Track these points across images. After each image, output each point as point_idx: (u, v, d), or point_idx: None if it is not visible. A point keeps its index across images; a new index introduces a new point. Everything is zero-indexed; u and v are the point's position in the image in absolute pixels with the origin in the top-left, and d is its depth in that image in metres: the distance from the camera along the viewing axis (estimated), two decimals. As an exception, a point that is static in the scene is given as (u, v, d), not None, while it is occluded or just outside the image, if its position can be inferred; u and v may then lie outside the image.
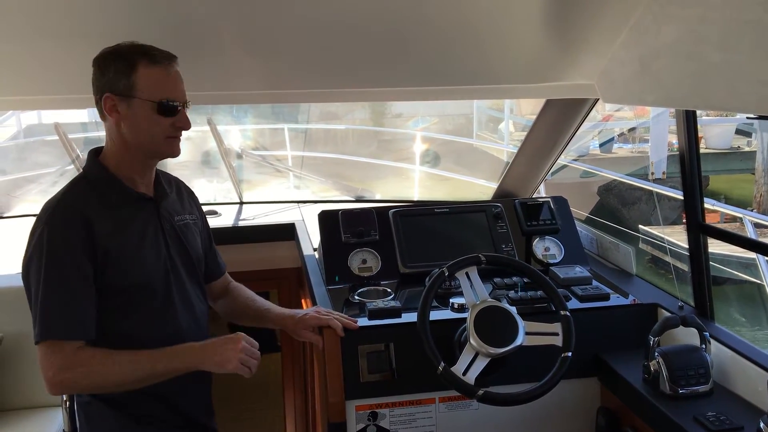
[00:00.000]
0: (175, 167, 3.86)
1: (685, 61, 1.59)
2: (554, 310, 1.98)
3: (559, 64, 2.05)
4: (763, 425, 1.62)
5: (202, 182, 5.60)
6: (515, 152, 2.99)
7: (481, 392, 1.82)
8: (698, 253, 2.14)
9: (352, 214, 2.54)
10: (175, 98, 1.74)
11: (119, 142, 1.75)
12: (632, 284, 2.37)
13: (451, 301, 2.14)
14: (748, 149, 12.45)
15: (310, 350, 2.75)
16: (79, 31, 1.83)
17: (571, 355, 1.88)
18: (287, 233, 3.13)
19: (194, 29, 1.85)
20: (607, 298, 2.21)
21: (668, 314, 2.08)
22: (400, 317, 2.08)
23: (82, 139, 5.26)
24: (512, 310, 1.93)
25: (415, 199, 4.71)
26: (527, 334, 1.89)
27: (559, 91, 2.18)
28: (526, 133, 2.88)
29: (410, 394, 2.05)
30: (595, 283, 2.31)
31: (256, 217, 3.42)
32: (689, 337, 1.99)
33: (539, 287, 2.08)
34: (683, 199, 2.17)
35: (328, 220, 2.54)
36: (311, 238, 2.89)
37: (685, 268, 2.24)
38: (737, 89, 1.44)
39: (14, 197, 4.03)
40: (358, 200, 3.92)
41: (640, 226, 8.91)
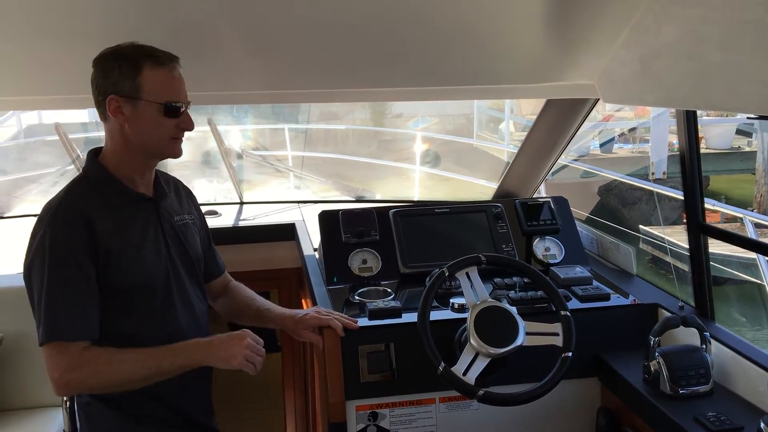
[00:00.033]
0: (175, 167, 3.85)
1: (685, 61, 1.59)
2: (554, 310, 1.98)
3: (559, 64, 2.05)
4: (763, 425, 1.62)
5: (202, 182, 5.60)
6: (515, 152, 2.99)
7: (481, 392, 1.82)
8: (699, 253, 2.14)
9: (352, 214, 2.54)
10: (179, 100, 1.74)
11: (121, 143, 1.75)
12: (632, 284, 2.37)
13: (451, 301, 2.13)
14: (748, 149, 12.45)
15: (310, 350, 2.74)
16: (79, 31, 1.83)
17: (571, 355, 1.88)
18: (287, 233, 3.13)
19: (195, 29, 1.85)
20: (607, 298, 2.21)
21: (668, 314, 2.08)
22: (400, 317, 2.08)
23: (82, 139, 5.27)
24: (512, 310, 1.93)
25: (415, 199, 4.71)
26: (527, 334, 1.89)
27: (559, 91, 2.18)
28: (526, 133, 2.88)
29: (410, 394, 2.05)
30: (595, 283, 2.31)
31: (256, 217, 3.42)
32: (689, 337, 1.99)
33: (539, 287, 2.08)
34: (684, 199, 2.17)
35: (328, 220, 2.54)
36: (311, 238, 2.89)
37: (685, 268, 2.24)
38: (738, 89, 1.44)
39: (15, 197, 4.03)
40: (358, 200, 3.92)
41: (640, 226, 8.90)
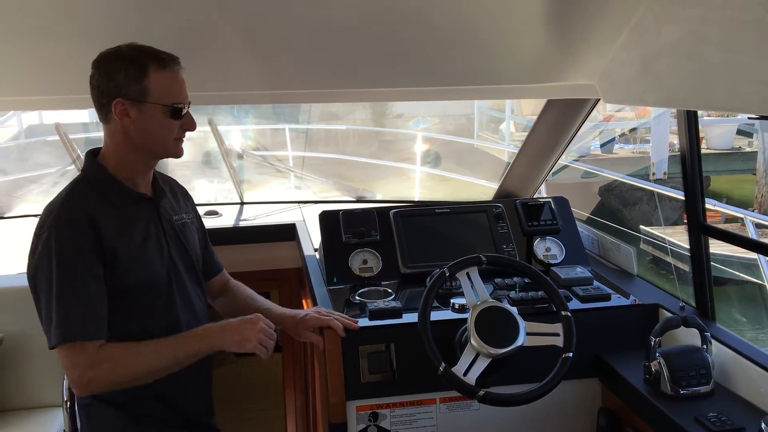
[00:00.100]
0: (176, 167, 3.86)
1: (686, 61, 1.59)
2: (555, 310, 1.98)
3: (560, 64, 2.05)
4: (764, 426, 1.62)
5: (203, 182, 5.61)
6: (516, 152, 2.99)
7: (481, 393, 1.82)
8: (699, 253, 2.14)
9: (352, 214, 2.54)
10: (182, 101, 1.75)
11: (124, 144, 1.74)
12: (633, 285, 2.37)
13: (451, 301, 2.13)
14: (749, 150, 12.45)
15: (310, 350, 2.74)
16: (80, 31, 1.83)
17: (572, 355, 1.88)
18: (288, 233, 3.13)
19: (195, 29, 1.85)
20: (608, 298, 2.21)
21: (669, 315, 2.08)
22: (400, 318, 2.08)
23: (83, 139, 5.28)
24: (513, 310, 1.92)
25: (416, 199, 4.71)
26: (528, 334, 1.89)
27: (560, 91, 2.18)
28: (527, 133, 2.88)
29: (411, 394, 2.05)
30: (596, 283, 2.31)
31: (256, 217, 3.42)
32: (690, 337, 1.99)
33: (540, 288, 2.08)
34: (684, 199, 2.17)
35: (328, 220, 2.54)
36: (312, 238, 2.89)
37: (686, 268, 2.23)
38: (738, 89, 1.44)
39: (15, 197, 4.03)
40: (358, 200, 3.91)
41: (641, 226, 8.90)
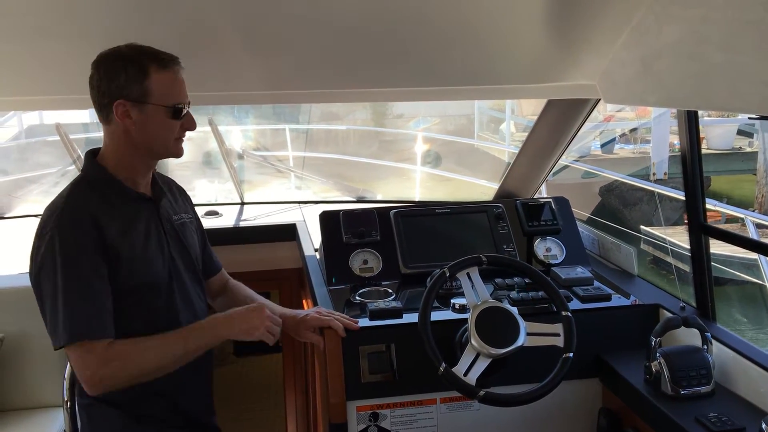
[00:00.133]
0: (176, 168, 3.86)
1: (686, 61, 1.59)
2: (555, 310, 1.97)
3: (560, 64, 2.05)
4: (765, 426, 1.61)
5: (203, 183, 5.61)
6: (516, 153, 2.99)
7: (482, 393, 1.82)
8: (700, 253, 2.14)
9: (353, 214, 2.54)
10: (183, 101, 1.75)
11: (125, 144, 1.74)
12: (634, 285, 2.37)
13: (452, 301, 2.13)
14: (749, 150, 12.45)
15: (311, 351, 2.74)
16: (80, 31, 1.83)
17: (572, 355, 1.88)
18: (288, 234, 3.13)
19: (195, 29, 1.85)
20: (608, 298, 2.21)
21: (670, 315, 2.08)
22: (401, 318, 2.08)
23: (83, 139, 5.27)
24: (513, 310, 1.92)
25: (416, 199, 4.71)
26: (528, 334, 1.89)
27: (560, 91, 2.17)
28: (527, 133, 2.88)
29: (411, 394, 2.05)
30: (596, 283, 2.31)
31: (257, 217, 3.42)
32: (691, 337, 1.99)
33: (540, 288, 2.08)
34: (685, 199, 2.17)
35: (329, 220, 2.54)
36: (312, 238, 2.89)
37: (686, 268, 2.23)
38: (739, 90, 1.44)
39: (16, 198, 4.03)
40: (359, 201, 3.92)
41: (641, 226, 8.91)
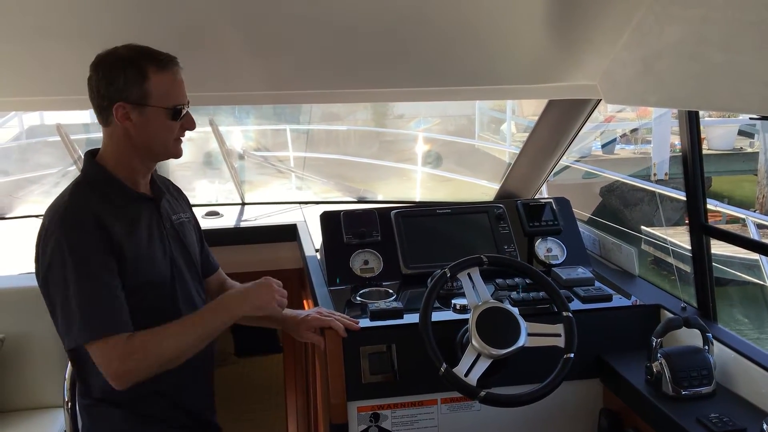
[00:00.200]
0: (177, 168, 3.86)
1: (687, 61, 1.58)
2: (556, 311, 1.97)
3: (561, 64, 2.05)
4: (766, 426, 1.62)
5: (204, 183, 5.61)
6: (517, 153, 2.98)
7: (483, 393, 1.82)
8: (701, 254, 2.14)
9: (354, 215, 2.54)
10: (182, 102, 1.75)
11: (125, 145, 1.74)
12: (635, 285, 2.37)
13: (453, 302, 2.13)
14: (750, 150, 12.45)
15: (311, 351, 2.74)
16: (80, 31, 1.83)
17: (573, 356, 1.87)
18: (289, 234, 3.13)
19: (195, 30, 1.85)
20: (609, 299, 2.21)
21: (671, 315, 2.07)
22: (401, 318, 2.08)
23: (84, 140, 5.28)
24: (514, 311, 1.92)
25: (417, 200, 4.71)
26: (529, 335, 1.89)
27: (561, 91, 2.17)
28: (528, 134, 2.87)
29: (412, 395, 2.05)
30: (597, 284, 2.31)
31: (258, 218, 3.42)
32: (692, 338, 1.99)
33: (541, 288, 2.07)
34: (686, 200, 2.16)
35: (330, 221, 2.54)
36: (313, 239, 2.89)
37: (687, 269, 2.23)
38: (740, 90, 1.44)
39: (16, 198, 4.03)
40: (360, 201, 3.91)
41: (642, 227, 8.90)
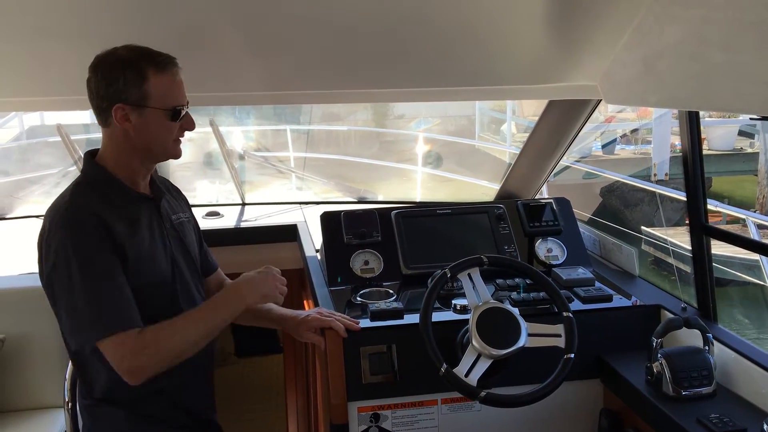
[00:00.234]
0: (177, 168, 3.86)
1: (688, 62, 1.58)
2: (557, 311, 1.97)
3: (561, 65, 2.05)
4: (766, 427, 1.62)
5: (204, 183, 5.60)
6: (517, 153, 2.99)
7: (483, 394, 1.82)
8: (701, 254, 2.14)
9: (354, 215, 2.54)
10: (182, 103, 1.74)
11: (125, 147, 1.74)
12: (635, 285, 2.37)
13: (453, 302, 2.13)
14: (750, 150, 12.46)
15: (312, 351, 2.74)
16: (80, 31, 1.83)
17: (573, 356, 1.88)
18: (289, 234, 3.13)
19: (195, 30, 1.85)
20: (609, 299, 2.21)
21: (671, 316, 2.08)
22: (402, 319, 2.08)
23: (84, 140, 5.27)
24: (514, 311, 1.92)
25: (417, 200, 4.71)
26: (530, 335, 1.89)
27: (561, 92, 2.17)
28: (528, 134, 2.88)
29: (412, 395, 2.05)
30: (597, 284, 2.31)
31: (258, 218, 3.42)
32: (692, 338, 1.99)
33: (541, 288, 2.08)
34: (686, 200, 2.17)
35: (330, 221, 2.54)
36: (313, 239, 2.89)
37: (687, 269, 2.23)
38: (741, 90, 1.44)
39: (17, 198, 4.03)
40: (360, 201, 3.92)
41: (642, 227, 8.90)
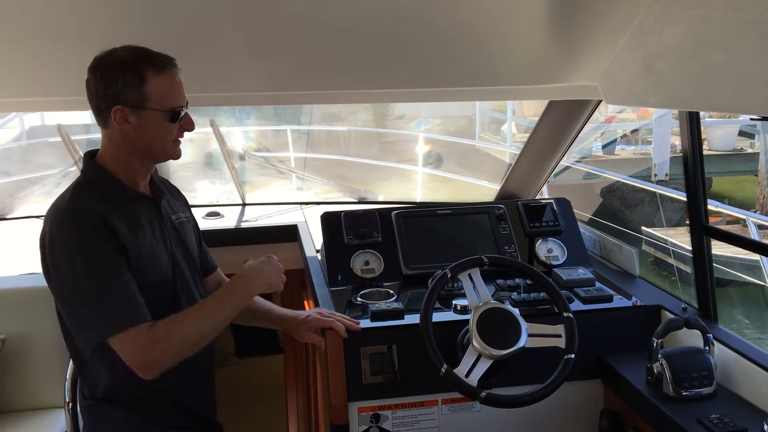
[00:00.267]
0: (178, 169, 3.86)
1: (688, 62, 1.58)
2: (557, 311, 1.97)
3: (562, 65, 2.05)
4: (766, 427, 1.62)
5: (204, 183, 5.59)
6: (518, 154, 2.99)
7: (483, 394, 1.82)
8: (701, 254, 2.14)
9: (354, 215, 2.54)
10: (181, 104, 1.74)
11: (124, 147, 1.74)
12: (635, 286, 2.37)
13: (453, 302, 2.13)
14: (751, 151, 12.45)
15: (312, 352, 2.74)
16: (80, 31, 1.83)
17: (574, 356, 1.88)
18: (290, 235, 3.13)
19: (195, 30, 1.85)
20: (610, 299, 2.21)
21: (671, 316, 2.07)
22: (402, 319, 2.08)
23: (85, 140, 5.26)
24: (515, 311, 1.92)
25: (417, 200, 4.71)
26: (530, 335, 1.89)
27: (562, 92, 2.17)
28: (528, 134, 2.88)
29: (413, 395, 2.05)
30: (598, 284, 2.31)
31: (258, 218, 3.42)
32: (692, 339, 1.99)
33: (542, 289, 2.08)
34: (686, 200, 2.17)
35: (330, 221, 2.54)
36: (314, 239, 2.89)
37: (688, 269, 2.23)
38: (741, 90, 1.44)
39: (17, 199, 4.03)
40: (360, 202, 3.92)
41: (643, 227, 8.90)
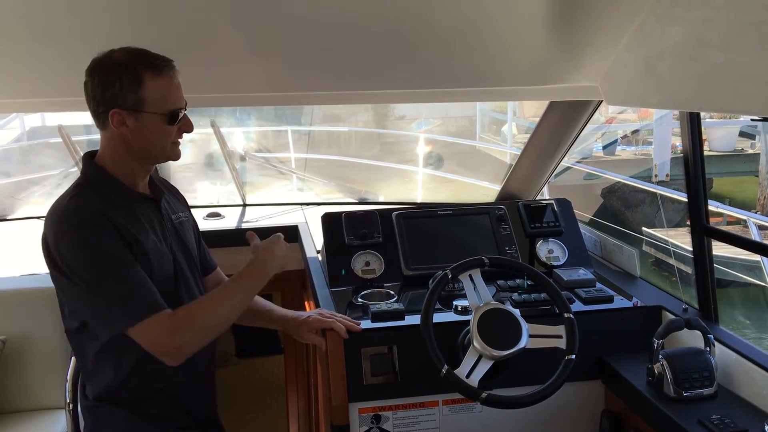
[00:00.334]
0: (178, 169, 3.87)
1: (689, 62, 1.58)
2: (558, 312, 1.97)
3: (562, 65, 2.05)
4: (767, 428, 1.61)
5: (205, 184, 5.59)
6: (518, 154, 2.99)
7: (484, 395, 1.82)
8: (702, 255, 2.14)
9: (355, 216, 2.54)
10: (179, 106, 1.74)
11: (123, 149, 1.74)
12: (636, 287, 2.37)
13: (454, 303, 2.13)
14: (751, 151, 12.45)
15: (312, 352, 2.74)
16: (80, 32, 1.83)
17: (574, 357, 1.88)
18: (290, 235, 3.13)
19: (196, 31, 1.85)
20: (610, 300, 2.21)
21: (672, 317, 2.07)
22: (403, 320, 2.08)
23: (85, 141, 5.27)
24: (516, 312, 1.92)
25: (418, 201, 4.71)
26: (531, 336, 1.89)
27: (562, 93, 2.17)
28: (529, 135, 2.88)
29: (413, 396, 2.05)
30: (598, 285, 2.31)
31: (259, 219, 3.42)
32: (693, 339, 1.99)
33: (542, 289, 2.08)
34: (687, 201, 2.16)
35: (331, 222, 2.54)
36: (314, 240, 2.89)
37: (688, 270, 2.23)
38: (741, 91, 1.44)
39: (18, 199, 4.03)
40: (361, 202, 3.92)
41: (643, 228, 8.90)
